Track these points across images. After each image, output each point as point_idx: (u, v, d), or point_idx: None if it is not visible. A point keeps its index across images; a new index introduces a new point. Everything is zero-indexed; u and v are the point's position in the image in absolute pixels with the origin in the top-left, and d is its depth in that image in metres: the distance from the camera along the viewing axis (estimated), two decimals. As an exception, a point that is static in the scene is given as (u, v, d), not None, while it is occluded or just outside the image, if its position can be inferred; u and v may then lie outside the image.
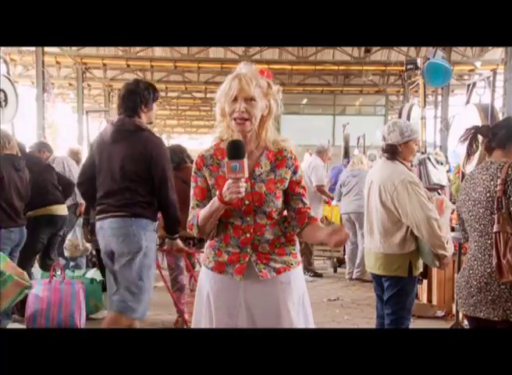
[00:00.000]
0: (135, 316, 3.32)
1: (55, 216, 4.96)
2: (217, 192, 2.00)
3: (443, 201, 3.57)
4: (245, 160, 1.91)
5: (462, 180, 4.73)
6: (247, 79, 2.01)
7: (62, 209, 5.06)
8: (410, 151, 3.43)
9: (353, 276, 6.83)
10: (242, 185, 1.91)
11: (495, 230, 2.38)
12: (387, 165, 3.42)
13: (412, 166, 3.82)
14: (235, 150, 1.93)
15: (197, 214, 2.09)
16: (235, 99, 2.02)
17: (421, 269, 3.42)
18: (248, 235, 2.09)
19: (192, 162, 4.70)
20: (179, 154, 4.75)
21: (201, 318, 2.19)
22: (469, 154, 2.69)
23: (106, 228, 3.38)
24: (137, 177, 3.32)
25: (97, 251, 4.72)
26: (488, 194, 2.44)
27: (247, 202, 2.07)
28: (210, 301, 2.17)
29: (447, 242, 3.28)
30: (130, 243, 3.29)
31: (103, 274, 5.00)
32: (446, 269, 3.59)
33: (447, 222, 3.58)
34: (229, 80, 2.06)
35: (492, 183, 2.43)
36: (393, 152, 3.38)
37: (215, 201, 1.99)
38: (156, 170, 3.32)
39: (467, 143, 2.68)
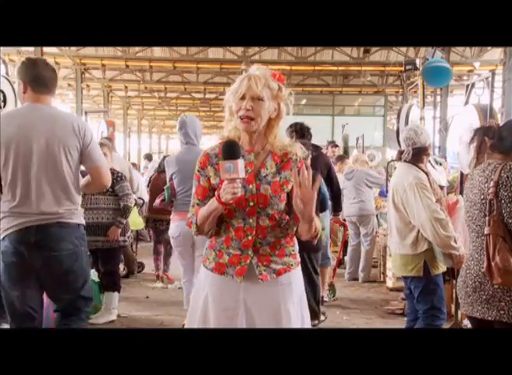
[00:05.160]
0: None
1: None
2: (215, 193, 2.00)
3: (458, 201, 3.66)
4: (239, 161, 1.90)
5: (461, 182, 4.74)
6: (257, 79, 2.03)
7: None
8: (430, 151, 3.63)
9: (360, 280, 6.87)
10: (237, 186, 1.90)
11: (486, 232, 2.38)
12: (401, 168, 3.56)
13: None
14: (228, 150, 1.92)
15: (196, 213, 2.09)
16: (243, 97, 2.03)
17: (443, 269, 3.48)
18: (250, 238, 2.08)
19: None
20: (161, 161, 6.32)
21: (194, 323, 2.18)
22: (478, 157, 2.66)
23: None
24: None
25: (93, 252, 4.73)
26: (482, 196, 2.43)
27: (251, 204, 2.05)
28: (207, 303, 2.15)
29: (456, 241, 3.32)
30: None
31: (100, 275, 5.02)
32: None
33: (462, 221, 3.63)
34: (239, 79, 2.08)
35: (486, 185, 2.41)
36: (423, 154, 3.52)
37: (213, 202, 1.99)
38: None
39: (474, 145, 2.67)
